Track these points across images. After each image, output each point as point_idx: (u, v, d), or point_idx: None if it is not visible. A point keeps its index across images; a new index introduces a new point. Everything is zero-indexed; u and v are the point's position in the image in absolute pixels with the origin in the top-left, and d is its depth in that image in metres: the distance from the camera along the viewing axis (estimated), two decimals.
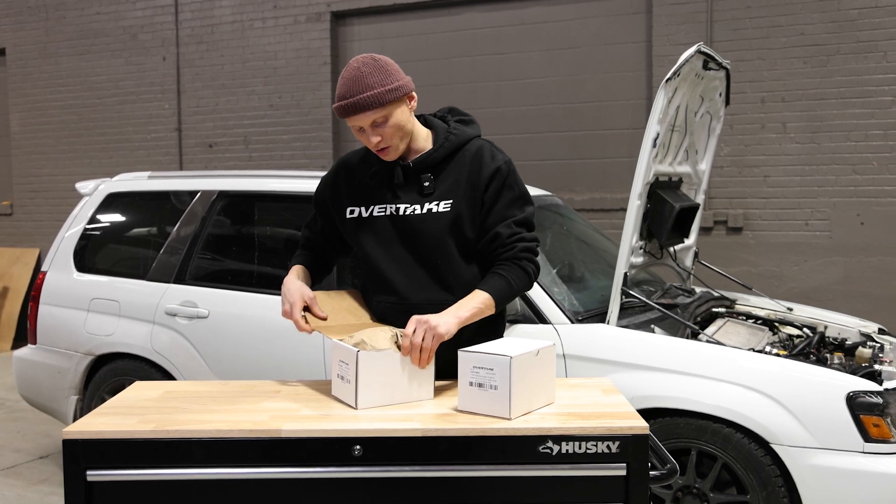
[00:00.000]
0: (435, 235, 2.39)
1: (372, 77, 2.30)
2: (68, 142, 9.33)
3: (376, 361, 2.15)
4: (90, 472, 1.97)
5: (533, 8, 7.29)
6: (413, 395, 2.21)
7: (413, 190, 2.44)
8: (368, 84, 2.29)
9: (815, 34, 6.31)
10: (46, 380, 4.81)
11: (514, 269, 2.38)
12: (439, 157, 2.43)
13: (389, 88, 2.30)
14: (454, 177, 2.42)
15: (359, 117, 2.32)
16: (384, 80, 2.31)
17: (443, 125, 2.50)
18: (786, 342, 4.08)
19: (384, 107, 2.31)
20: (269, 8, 8.24)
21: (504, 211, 2.41)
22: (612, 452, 1.94)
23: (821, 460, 3.11)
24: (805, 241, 6.44)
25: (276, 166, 8.21)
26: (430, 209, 2.40)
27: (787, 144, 6.44)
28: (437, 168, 2.44)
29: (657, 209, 4.07)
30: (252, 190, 4.50)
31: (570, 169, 7.20)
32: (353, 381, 2.14)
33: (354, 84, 2.30)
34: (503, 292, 2.36)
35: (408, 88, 2.36)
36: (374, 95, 2.29)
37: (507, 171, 2.42)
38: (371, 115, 2.31)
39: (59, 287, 4.83)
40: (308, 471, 1.96)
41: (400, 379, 2.19)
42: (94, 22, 9.12)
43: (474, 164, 2.42)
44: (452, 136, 2.45)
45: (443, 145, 2.44)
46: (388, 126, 2.33)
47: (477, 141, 2.49)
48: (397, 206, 2.43)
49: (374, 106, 2.29)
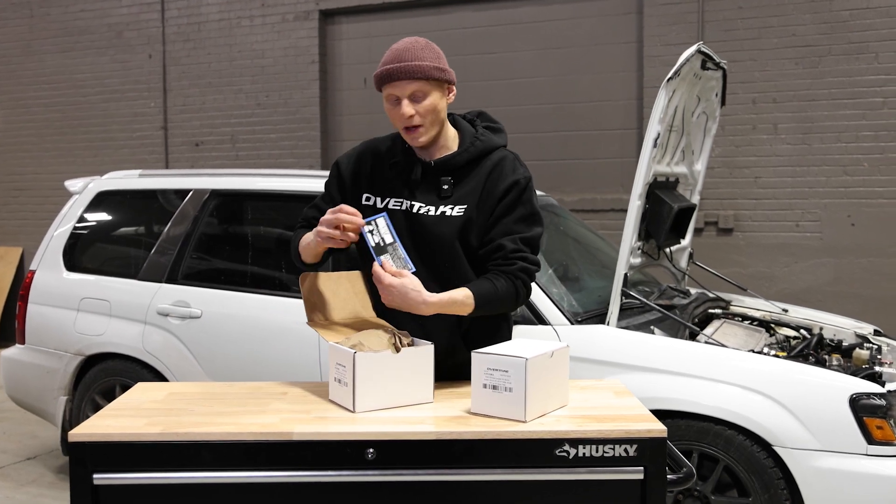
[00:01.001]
0: (444, 238, 2.35)
1: (424, 51, 2.30)
2: (53, 140, 9.22)
3: (374, 363, 2.10)
4: (97, 476, 1.92)
5: (524, 7, 7.27)
6: (412, 398, 2.16)
7: (430, 190, 2.39)
8: (420, 56, 2.28)
9: (807, 35, 6.33)
10: (35, 380, 4.74)
11: (506, 282, 2.31)
12: (461, 162, 2.39)
13: (438, 66, 2.30)
14: (473, 183, 2.38)
15: (400, 84, 2.28)
16: (436, 57, 2.31)
17: (470, 129, 2.46)
18: (783, 343, 4.08)
19: (428, 81, 2.28)
20: (256, 6, 8.17)
21: (513, 225, 2.35)
22: (630, 456, 1.92)
23: (823, 462, 3.10)
24: (795, 242, 6.45)
25: (263, 165, 8.14)
26: (444, 212, 2.36)
27: (778, 145, 6.46)
28: (458, 172, 2.39)
29: (655, 210, 4.06)
30: (245, 189, 4.46)
31: (560, 169, 7.18)
32: (351, 384, 2.09)
33: (405, 52, 2.28)
34: (486, 298, 2.28)
35: (452, 77, 2.35)
36: (423, 66, 2.27)
37: (524, 185, 2.37)
38: (413, 86, 2.27)
39: (49, 286, 4.76)
40: (319, 474, 1.92)
41: (399, 381, 2.14)
42: (79, 19, 9.01)
43: (494, 173, 2.38)
44: (478, 142, 2.41)
45: (467, 149, 2.39)
46: (425, 103, 2.30)
47: (501, 151, 2.44)
48: (412, 204, 2.39)
49: (420, 76, 2.26)
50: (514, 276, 2.32)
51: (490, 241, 2.35)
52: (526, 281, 2.34)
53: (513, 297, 2.32)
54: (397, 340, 2.19)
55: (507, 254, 2.32)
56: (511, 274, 2.31)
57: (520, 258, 2.33)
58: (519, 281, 2.32)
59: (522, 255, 2.33)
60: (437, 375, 2.35)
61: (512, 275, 2.31)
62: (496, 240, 2.34)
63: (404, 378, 2.14)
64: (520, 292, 2.33)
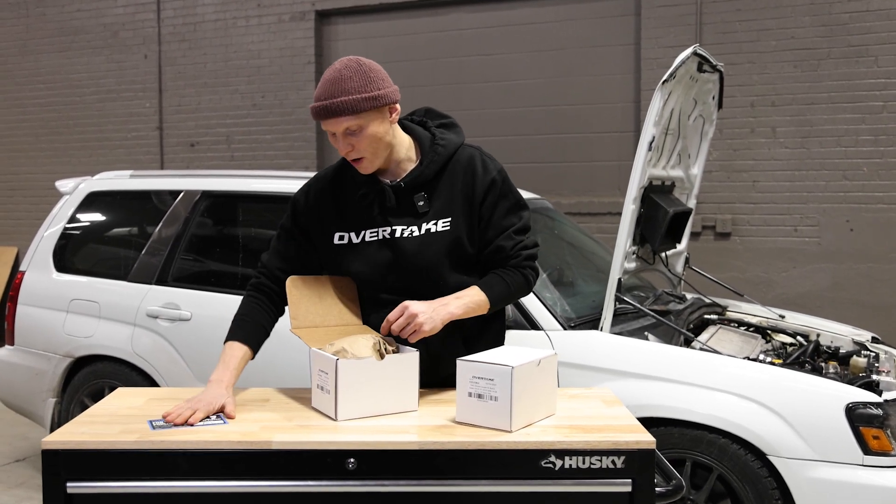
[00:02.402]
0: (434, 256, 2.28)
1: (352, 81, 2.15)
2: (48, 139, 9.17)
3: (357, 370, 2.05)
4: (70, 484, 1.88)
5: (520, 9, 7.23)
6: (396, 406, 2.10)
7: (406, 211, 2.30)
8: (346, 88, 2.14)
9: (806, 38, 6.29)
10: (24, 382, 4.69)
11: (516, 275, 2.34)
12: (431, 174, 2.30)
13: (367, 96, 2.15)
14: (448, 192, 2.31)
15: (332, 122, 2.17)
16: (364, 86, 2.16)
17: (426, 134, 2.35)
18: (779, 350, 4.03)
19: (359, 115, 2.16)
20: (252, 6, 8.13)
21: (502, 221, 2.33)
22: (617, 468, 1.87)
23: (819, 473, 3.05)
24: (794, 247, 6.40)
25: (258, 166, 8.09)
26: (429, 229, 2.29)
27: (777, 149, 6.41)
28: (430, 184, 2.31)
29: (651, 214, 4.01)
30: (236, 190, 4.41)
31: (556, 172, 7.13)
32: (333, 392, 2.04)
33: (332, 86, 2.16)
34: (500, 296, 2.32)
35: (389, 99, 2.20)
36: (350, 101, 2.14)
37: (501, 180, 2.34)
38: (344, 122, 2.16)
39: (38, 287, 4.71)
40: (299, 484, 1.88)
41: (382, 389, 2.08)
42: (75, 19, 8.96)
43: (467, 176, 2.31)
44: (441, 149, 2.31)
45: (433, 160, 2.30)
46: (362, 136, 2.19)
47: (466, 149, 2.36)
48: (392, 230, 2.30)
49: (348, 112, 2.14)
50: (521, 267, 2.35)
51: (487, 244, 2.33)
52: (532, 265, 2.38)
53: (524, 286, 2.38)
54: (382, 347, 2.14)
55: (508, 253, 2.33)
56: (518, 266, 2.35)
57: (521, 248, 2.34)
58: (528, 270, 2.37)
59: (522, 245, 2.35)
60: (434, 383, 2.33)
61: (520, 266, 2.35)
62: (493, 242, 2.32)
63: (388, 386, 2.09)
64: (530, 279, 2.38)
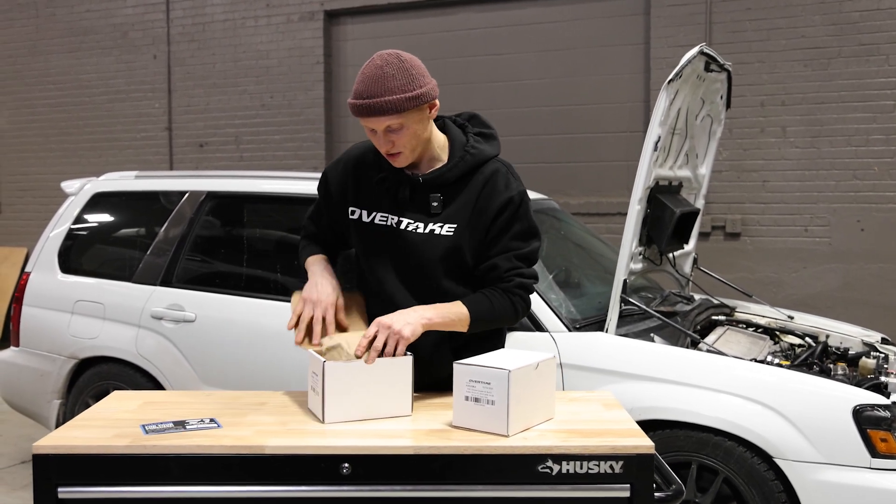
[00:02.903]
0: (430, 257, 2.26)
1: (394, 80, 2.12)
2: (57, 140, 9.19)
3: (345, 372, 2.03)
4: (62, 489, 1.86)
5: (529, 9, 7.19)
6: (388, 411, 2.07)
7: (419, 207, 2.29)
8: (389, 87, 2.11)
9: (816, 37, 6.22)
10: (29, 383, 4.69)
11: (503, 298, 2.26)
12: (452, 178, 2.27)
13: (411, 96, 2.13)
14: (464, 200, 2.27)
15: (373, 120, 2.15)
16: (407, 84, 2.13)
17: (461, 138, 2.32)
18: (787, 352, 3.99)
19: (402, 114, 2.14)
20: (261, 6, 8.12)
21: (509, 243, 2.27)
22: (616, 473, 1.84)
23: (826, 476, 3.01)
24: (804, 247, 6.34)
25: (267, 167, 8.08)
26: (433, 230, 2.26)
27: (787, 149, 6.35)
28: (449, 188, 2.28)
29: (657, 214, 3.97)
30: (241, 191, 4.39)
31: (565, 172, 7.09)
32: (321, 394, 2.02)
33: (374, 84, 2.12)
34: (483, 316, 2.24)
35: (431, 96, 2.18)
36: (394, 101, 2.11)
37: (519, 202, 2.27)
38: (386, 121, 2.14)
39: (43, 288, 4.70)
40: (293, 489, 1.85)
41: (373, 393, 2.05)
42: (84, 19, 8.98)
43: (486, 189, 2.27)
44: (469, 157, 2.28)
45: (457, 164, 2.27)
46: (402, 133, 2.17)
47: (493, 163, 2.31)
48: (400, 220, 2.29)
49: (392, 112, 2.12)
50: (510, 293, 2.26)
51: (485, 260, 2.28)
52: (523, 296, 2.28)
53: (510, 312, 2.27)
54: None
55: (501, 273, 2.26)
56: (507, 290, 2.26)
57: (515, 274, 2.26)
58: (516, 297, 2.27)
59: (518, 272, 2.27)
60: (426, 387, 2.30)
61: (508, 291, 2.26)
62: (491, 259, 2.27)
63: (380, 390, 2.07)
64: (518, 308, 2.28)
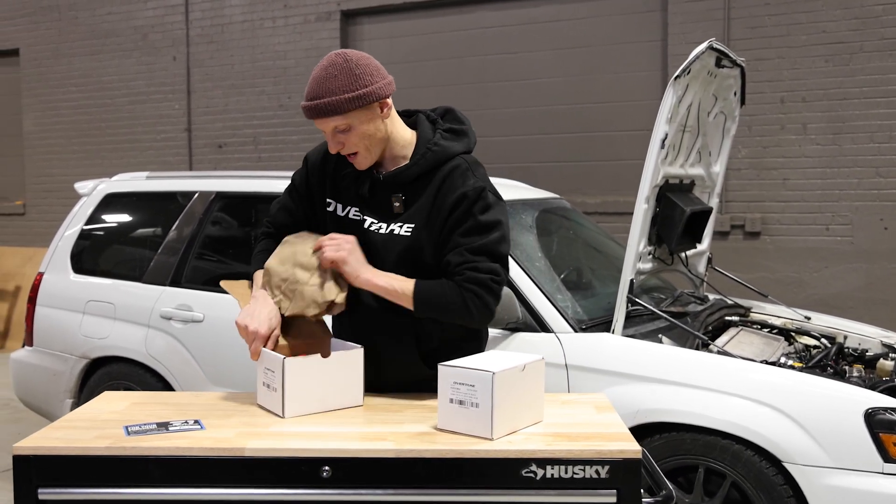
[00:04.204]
0: (389, 258, 2.21)
1: (337, 80, 2.10)
2: (80, 142, 9.28)
3: (303, 367, 2.07)
4: (42, 490, 1.85)
5: (544, 7, 7.13)
6: (342, 402, 2.14)
7: (381, 206, 2.25)
8: (331, 88, 2.09)
9: (838, 32, 6.11)
10: (42, 383, 4.72)
11: (454, 290, 2.13)
12: (412, 176, 2.21)
13: (352, 96, 2.09)
14: (424, 198, 2.21)
15: (320, 122, 2.14)
16: (350, 84, 2.09)
17: (427, 135, 2.25)
18: (802, 353, 3.90)
19: (345, 115, 2.11)
20: (279, 7, 8.13)
21: (460, 238, 2.15)
22: (602, 478, 1.79)
23: (836, 481, 2.93)
24: (826, 246, 6.23)
25: (285, 167, 8.10)
26: (393, 230, 2.22)
27: (808, 146, 6.24)
28: (409, 186, 2.22)
29: (667, 213, 3.90)
30: (250, 191, 4.38)
31: (581, 171, 7.03)
32: (280, 389, 2.05)
33: (318, 85, 2.11)
34: (429, 298, 2.13)
35: (376, 96, 2.12)
36: (335, 102, 2.09)
37: (475, 197, 2.15)
38: (331, 122, 2.12)
39: (56, 288, 4.73)
40: (272, 492, 1.83)
41: (328, 385, 2.11)
42: (106, 22, 9.05)
43: (444, 185, 2.19)
44: (430, 154, 2.21)
45: (417, 162, 2.21)
46: (351, 134, 2.14)
47: (457, 159, 2.23)
48: (364, 218, 2.26)
49: (333, 113, 2.10)
50: (461, 287, 2.12)
51: (441, 259, 2.19)
52: (477, 291, 2.12)
53: (461, 307, 2.13)
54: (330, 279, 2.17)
55: (453, 269, 2.14)
56: (459, 284, 2.13)
57: (468, 268, 2.13)
58: (468, 293, 2.12)
59: (471, 265, 2.13)
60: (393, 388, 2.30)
61: (460, 285, 2.13)
62: (445, 255, 2.17)
63: (334, 381, 2.12)
64: (469, 304, 2.12)
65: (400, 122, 2.27)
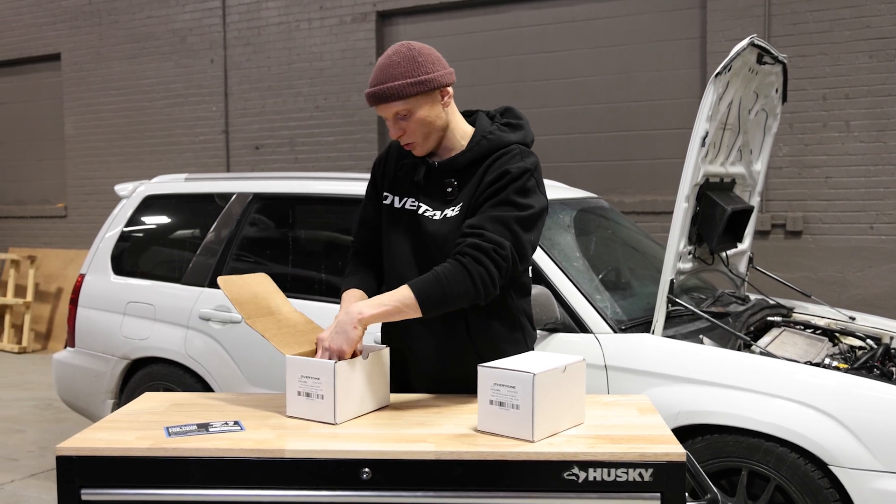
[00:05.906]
0: (441, 242, 2.23)
1: (400, 67, 2.16)
2: (119, 144, 9.39)
3: (351, 371, 2.07)
4: (85, 491, 1.86)
5: (581, 5, 7.08)
6: (377, 403, 2.17)
7: (436, 193, 2.29)
8: (394, 74, 2.16)
9: (882, 27, 5.99)
10: (84, 383, 4.77)
11: (451, 267, 2.09)
12: (465, 162, 2.25)
13: (414, 81, 2.15)
14: (473, 179, 2.25)
15: (382, 107, 2.20)
16: (412, 70, 2.16)
17: (484, 127, 2.29)
18: (847, 354, 3.82)
19: (406, 100, 2.17)
20: (315, 9, 8.16)
21: (489, 210, 2.13)
22: (645, 481, 1.76)
23: (884, 484, 2.86)
24: (870, 245, 6.11)
25: (321, 168, 8.13)
26: (446, 214, 2.25)
27: (851, 143, 6.13)
28: (462, 173, 2.26)
29: (707, 212, 3.84)
30: (288, 192, 4.40)
31: (619, 170, 6.97)
32: (332, 395, 2.03)
33: (381, 72, 2.18)
34: (430, 292, 2.07)
35: (438, 82, 2.18)
36: (397, 87, 2.15)
37: (517, 174, 2.15)
38: (393, 107, 2.18)
39: (97, 290, 4.78)
40: (312, 494, 1.82)
41: (365, 387, 2.13)
42: (145, 26, 9.15)
43: (493, 165, 2.22)
44: (485, 141, 2.25)
45: (472, 149, 2.25)
46: (411, 120, 2.20)
47: (512, 147, 2.25)
48: (419, 205, 2.30)
49: (395, 98, 2.16)
50: (461, 255, 2.09)
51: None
52: (478, 256, 2.06)
53: (465, 281, 2.06)
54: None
55: (463, 230, 2.15)
56: (454, 256, 2.10)
57: (471, 234, 2.10)
58: (467, 258, 2.07)
59: (476, 232, 2.10)
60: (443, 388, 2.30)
61: (459, 254, 2.09)
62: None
63: (369, 383, 2.14)
64: (471, 271, 2.06)
65: (459, 115, 2.33)
